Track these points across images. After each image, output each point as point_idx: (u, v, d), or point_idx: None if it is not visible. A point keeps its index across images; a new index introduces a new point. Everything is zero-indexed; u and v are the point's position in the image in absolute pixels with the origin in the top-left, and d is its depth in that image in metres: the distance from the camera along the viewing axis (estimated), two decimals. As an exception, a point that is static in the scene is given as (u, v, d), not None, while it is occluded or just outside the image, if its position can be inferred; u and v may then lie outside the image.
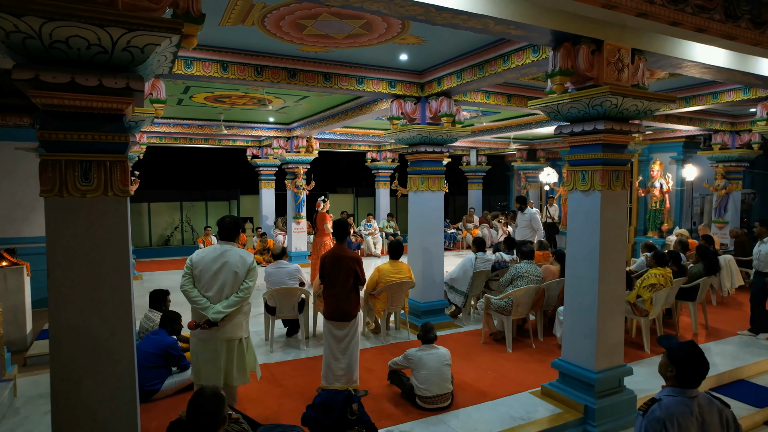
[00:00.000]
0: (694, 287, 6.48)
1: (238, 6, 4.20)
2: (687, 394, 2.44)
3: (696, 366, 2.45)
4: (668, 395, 2.48)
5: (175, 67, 5.20)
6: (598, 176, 4.17)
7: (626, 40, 4.10)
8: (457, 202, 21.76)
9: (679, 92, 7.29)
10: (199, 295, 3.67)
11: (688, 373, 2.44)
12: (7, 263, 6.45)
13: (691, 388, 2.46)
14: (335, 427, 3.41)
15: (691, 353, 2.47)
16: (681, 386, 2.46)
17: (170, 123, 10.45)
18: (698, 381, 2.47)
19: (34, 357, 5.72)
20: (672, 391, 2.48)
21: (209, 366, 3.75)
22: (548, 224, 13.38)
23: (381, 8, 3.38)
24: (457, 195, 21.17)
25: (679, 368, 2.46)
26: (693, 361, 2.44)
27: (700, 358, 2.47)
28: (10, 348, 5.82)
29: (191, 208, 16.87)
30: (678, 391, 2.46)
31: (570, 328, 4.52)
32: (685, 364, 2.45)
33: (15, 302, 6.31)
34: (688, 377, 2.45)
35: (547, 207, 13.73)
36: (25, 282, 6.48)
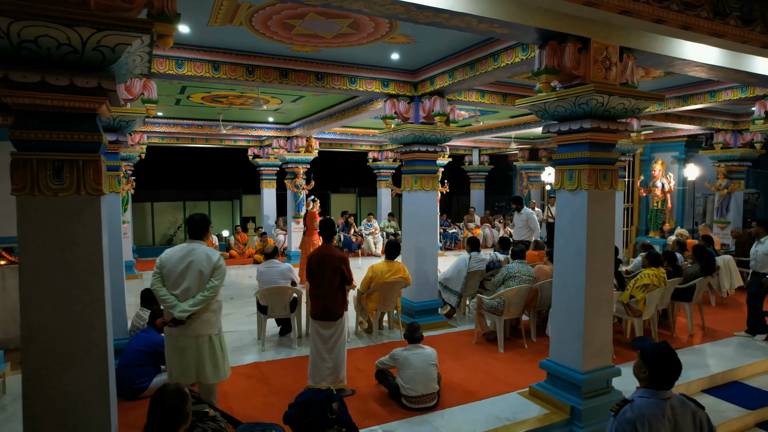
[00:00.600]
0: (690, 288, 6.41)
1: (224, 6, 4.21)
2: (660, 396, 2.42)
3: (668, 367, 2.42)
4: (641, 396, 2.46)
5: (166, 67, 5.23)
6: (585, 175, 4.14)
7: (614, 38, 4.07)
8: (460, 201, 21.71)
9: (677, 91, 7.22)
10: (167, 294, 3.70)
11: (661, 374, 2.42)
12: (6, 262, 6.48)
13: (664, 389, 2.43)
14: (314, 425, 3.41)
15: (663, 354, 2.45)
16: (654, 387, 2.44)
17: (170, 123, 10.52)
18: (671, 382, 2.44)
19: None
20: (645, 392, 2.46)
21: (179, 363, 3.77)
22: (549, 224, 13.32)
23: (361, 7, 3.37)
24: (459, 195, 21.12)
25: (652, 369, 2.44)
26: (665, 362, 2.42)
27: (673, 359, 2.44)
28: (8, 345, 5.89)
29: (194, 207, 16.96)
30: (651, 392, 2.44)
31: (557, 328, 4.50)
32: (658, 365, 2.43)
33: (14, 301, 6.34)
34: (660, 378, 2.42)
35: (548, 207, 13.66)
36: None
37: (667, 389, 2.44)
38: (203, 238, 3.93)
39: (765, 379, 5.36)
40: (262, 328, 6.08)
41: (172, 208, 16.73)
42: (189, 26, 4.71)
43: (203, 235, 3.93)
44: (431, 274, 6.88)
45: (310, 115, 10.20)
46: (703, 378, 5.11)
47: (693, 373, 5.18)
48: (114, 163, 5.06)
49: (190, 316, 3.70)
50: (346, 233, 13.91)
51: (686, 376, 5.07)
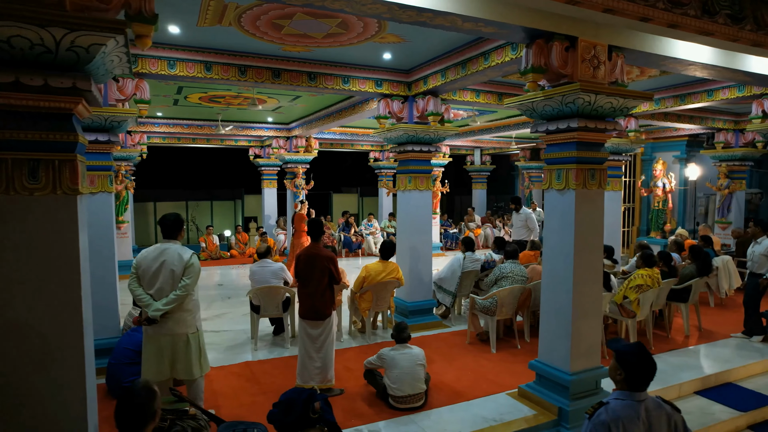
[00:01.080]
0: (686, 289, 6.36)
1: (211, 6, 4.23)
2: (635, 398, 2.40)
3: (643, 368, 2.40)
4: (616, 399, 2.44)
5: (158, 67, 5.26)
6: (573, 175, 4.12)
7: (602, 37, 4.04)
8: (463, 202, 21.69)
9: (674, 90, 7.16)
10: (142, 293, 3.74)
11: (636, 376, 2.40)
12: None
13: (639, 391, 2.42)
14: (296, 424, 3.41)
15: (638, 355, 2.43)
16: (629, 389, 2.43)
17: (170, 123, 10.59)
18: (646, 383, 2.42)
19: None
20: (620, 394, 2.44)
21: (154, 361, 3.80)
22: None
23: (344, 7, 3.37)
24: (462, 195, 21.09)
25: (627, 371, 2.42)
26: (640, 363, 2.40)
27: (648, 360, 2.42)
28: None
29: (197, 207, 17.08)
30: (626, 394, 2.42)
31: (546, 328, 4.47)
32: (633, 366, 2.41)
33: None
34: (635, 380, 2.41)
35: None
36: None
37: (642, 391, 2.42)
38: (177, 237, 3.95)
39: (760, 380, 5.31)
40: (255, 328, 6.10)
41: (175, 207, 16.82)
42: (179, 27, 4.73)
43: (177, 235, 3.95)
44: (425, 273, 6.87)
45: (309, 115, 10.22)
46: (696, 379, 5.07)
47: (686, 374, 5.14)
48: (106, 163, 5.09)
49: (164, 315, 3.73)
50: (346, 233, 13.93)
51: (679, 378, 5.04)
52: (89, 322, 2.82)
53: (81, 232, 2.67)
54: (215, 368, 5.32)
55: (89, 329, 2.86)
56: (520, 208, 9.15)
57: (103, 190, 5.11)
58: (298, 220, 9.40)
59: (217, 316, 7.50)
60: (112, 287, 5.23)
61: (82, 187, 2.72)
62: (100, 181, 5.08)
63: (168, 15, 4.44)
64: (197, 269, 3.91)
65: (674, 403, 2.57)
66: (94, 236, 5.02)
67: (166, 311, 3.74)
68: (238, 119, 10.94)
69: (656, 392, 4.74)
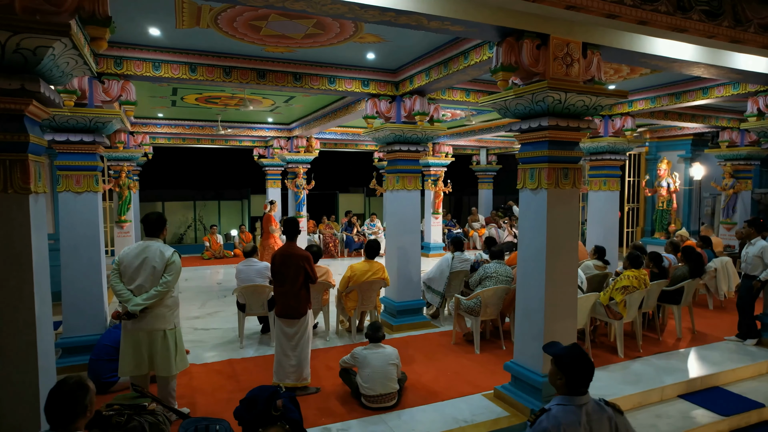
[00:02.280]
0: (678, 290, 6.24)
1: (185, 8, 4.28)
2: (575, 402, 2.37)
3: (580, 370, 2.37)
4: (558, 404, 2.41)
5: (143, 69, 5.34)
6: (545, 174, 4.08)
7: (576, 34, 3.99)
8: (471, 202, 21.56)
9: (668, 88, 7.03)
10: (123, 289, 3.82)
11: (574, 379, 2.37)
12: None
13: (580, 394, 2.38)
14: (256, 421, 3.44)
15: (576, 357, 2.40)
16: (570, 394, 2.39)
17: (171, 124, 10.74)
18: (585, 385, 2.39)
19: None
20: (561, 399, 2.41)
21: (132, 355, 3.87)
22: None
23: (305, 7, 3.39)
24: (470, 195, 20.97)
25: (567, 374, 2.39)
26: (577, 365, 2.37)
27: (584, 361, 2.39)
28: None
29: (204, 207, 17.28)
30: (567, 399, 2.39)
31: (519, 330, 4.44)
32: (570, 369, 2.38)
33: None
34: (574, 383, 2.37)
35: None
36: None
37: (583, 394, 2.39)
38: (159, 235, 4.02)
39: (748, 385, 5.18)
40: (241, 326, 6.16)
41: (183, 207, 17.07)
42: (159, 29, 4.80)
43: (159, 233, 4.02)
44: (414, 273, 6.86)
45: (307, 116, 10.28)
46: (680, 383, 4.96)
47: (669, 377, 5.03)
48: (92, 163, 5.19)
49: (143, 311, 3.80)
50: (348, 233, 13.96)
51: (662, 381, 4.94)
52: (45, 320, 2.88)
53: (35, 230, 2.73)
54: (198, 365, 5.40)
55: (47, 326, 2.93)
56: None
57: (89, 189, 5.20)
58: (266, 221, 9.30)
59: (210, 314, 7.59)
60: (98, 285, 5.32)
61: (37, 186, 2.78)
62: (85, 180, 5.18)
63: (146, 18, 4.51)
64: (178, 267, 3.98)
65: (618, 405, 2.53)
66: (80, 235, 5.18)
67: (146, 306, 3.81)
68: (239, 120, 11.04)
69: (637, 395, 4.69)
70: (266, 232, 9.23)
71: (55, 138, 4.98)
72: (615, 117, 7.91)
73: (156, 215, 4.05)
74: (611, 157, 7.91)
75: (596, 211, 8.24)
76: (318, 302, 6.22)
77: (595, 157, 8.06)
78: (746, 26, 4.17)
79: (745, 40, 4.14)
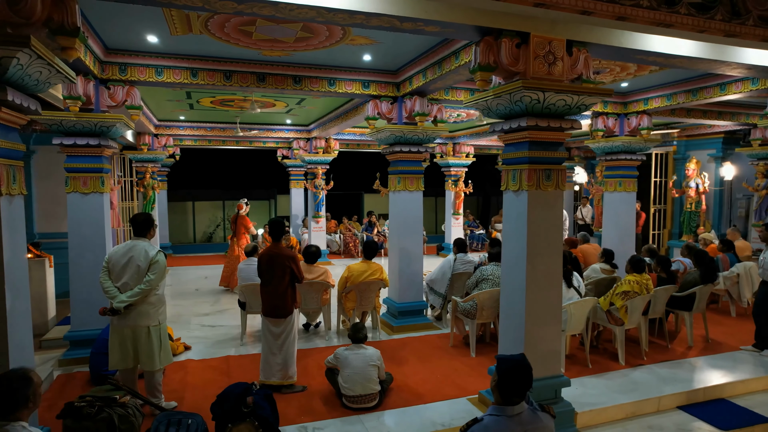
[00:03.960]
0: (690, 296, 5.96)
1: (175, 16, 4.43)
2: (507, 413, 2.33)
3: (513, 381, 2.33)
4: (490, 414, 2.38)
5: (146, 75, 5.56)
6: (525, 176, 3.98)
7: (559, 32, 3.87)
8: (499, 203, 21.23)
9: (684, 85, 6.71)
10: (111, 286, 3.99)
11: (507, 389, 2.34)
12: (32, 255, 7.11)
13: (512, 405, 2.34)
14: (226, 416, 3.52)
15: (510, 368, 2.36)
16: (503, 403, 2.36)
17: (193, 126, 11.09)
18: (518, 395, 2.34)
19: (49, 341, 6.29)
20: (495, 410, 2.38)
21: (118, 349, 4.05)
22: (580, 226, 12.79)
23: (273, 12, 3.43)
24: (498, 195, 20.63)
25: (499, 384, 2.36)
26: (511, 376, 2.33)
27: (520, 371, 2.34)
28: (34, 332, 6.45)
29: (232, 206, 17.73)
30: (500, 409, 2.36)
31: (503, 334, 4.36)
32: (504, 379, 2.34)
33: (38, 291, 6.93)
34: (507, 393, 2.34)
35: (579, 208, 13.09)
36: (47, 273, 7.15)
37: (515, 404, 2.34)
38: (146, 235, 4.18)
39: (757, 398, 4.90)
40: (243, 324, 6.31)
41: (212, 207, 17.59)
42: (156, 36, 4.98)
43: (146, 233, 4.18)
44: (415, 275, 6.83)
45: (322, 117, 10.40)
46: (680, 393, 4.75)
47: (669, 387, 4.83)
48: (97, 165, 5.42)
49: (128, 307, 3.96)
50: (369, 233, 14.03)
51: (660, 391, 4.75)
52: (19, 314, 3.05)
53: (7, 229, 2.89)
54: (196, 361, 5.58)
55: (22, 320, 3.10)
56: None
57: (96, 190, 5.44)
58: (240, 221, 9.18)
59: (220, 311, 7.80)
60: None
61: (11, 188, 2.96)
62: (92, 182, 5.42)
63: (143, 26, 4.69)
64: (161, 266, 4.13)
65: (552, 410, 2.47)
66: (86, 234, 5.42)
67: (131, 303, 3.98)
68: (259, 122, 11.29)
69: (630, 405, 4.53)
70: (238, 233, 9.23)
71: (63, 141, 5.25)
72: (630, 115, 7.62)
73: (144, 216, 4.21)
74: (627, 157, 7.63)
75: (611, 213, 7.96)
76: (317, 302, 6.30)
77: (610, 157, 7.79)
78: (744, 19, 3.94)
79: (743, 33, 3.92)
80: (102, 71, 5.35)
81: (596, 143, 7.79)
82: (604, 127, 7.71)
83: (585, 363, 5.36)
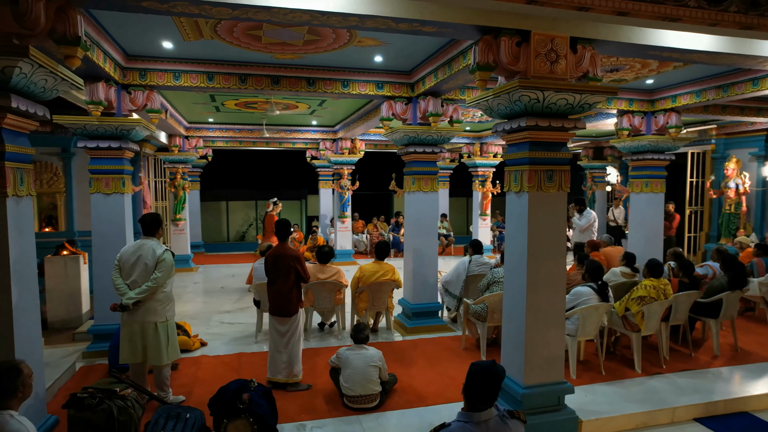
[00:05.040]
0: (716, 303, 5.66)
1: (184, 23, 4.57)
2: (474, 419, 2.31)
3: (479, 387, 2.31)
4: (458, 421, 2.36)
5: (165, 79, 5.76)
6: (526, 176, 3.90)
7: (561, 29, 3.78)
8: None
9: (713, 80, 6.38)
10: (121, 283, 4.16)
11: (472, 395, 2.32)
12: (68, 252, 7.50)
13: (479, 411, 2.31)
14: (221, 412, 3.62)
15: (478, 374, 2.33)
16: (470, 410, 2.33)
17: (222, 128, 11.40)
18: (484, 402, 2.32)
19: (82, 334, 6.62)
20: (462, 416, 2.37)
21: (128, 344, 4.22)
22: (612, 228, 12.37)
23: (268, 17, 3.51)
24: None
25: (466, 387, 2.34)
26: (477, 382, 2.31)
27: (486, 379, 2.31)
28: (70, 324, 6.85)
29: (264, 206, 18.13)
30: (467, 416, 2.34)
31: (505, 338, 4.29)
32: (471, 385, 2.32)
33: (73, 286, 7.30)
34: (472, 399, 2.32)
35: (612, 209, 12.66)
36: (82, 269, 7.52)
37: (482, 411, 2.31)
38: (155, 234, 4.34)
39: (784, 412, 4.61)
40: (259, 322, 6.45)
41: (245, 206, 18.04)
42: (171, 42, 5.16)
43: (154, 232, 4.34)
44: (430, 276, 6.79)
45: (346, 118, 10.49)
46: (698, 405, 4.52)
47: (686, 398, 4.61)
48: (119, 167, 5.66)
49: (137, 304, 4.13)
50: (396, 233, 14.03)
51: (675, 401, 4.54)
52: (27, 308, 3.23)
53: (12, 229, 3.07)
54: (210, 357, 5.74)
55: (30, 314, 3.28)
56: (583, 210, 8.70)
57: (117, 191, 5.69)
58: (268, 221, 9.50)
59: (241, 309, 7.99)
60: (124, 278, 5.79)
61: (18, 190, 3.14)
62: (113, 183, 5.68)
63: (157, 33, 4.87)
64: (168, 264, 4.28)
65: (522, 415, 2.42)
66: (107, 233, 5.67)
67: (139, 300, 4.15)
68: (285, 123, 11.49)
69: (641, 415, 4.36)
70: (268, 232, 9.44)
71: (87, 145, 5.52)
72: (658, 113, 7.32)
73: (152, 216, 4.37)
74: (654, 156, 7.33)
75: (637, 215, 7.67)
76: (330, 301, 6.36)
77: (636, 157, 7.51)
78: (763, 9, 3.72)
79: (761, 25, 3.70)
80: (123, 77, 5.59)
81: (621, 142, 7.52)
82: (630, 125, 7.44)
83: (598, 369, 5.19)
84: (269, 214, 9.56)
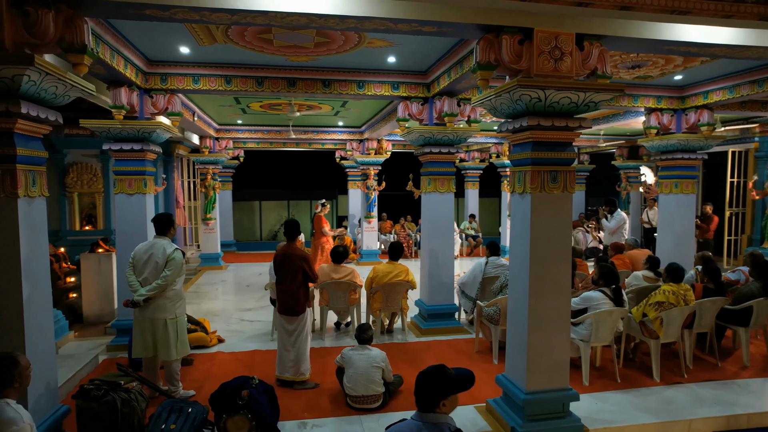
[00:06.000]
0: (746, 310, 5.36)
1: (196, 28, 4.71)
2: (417, 418, 2.34)
3: (418, 388, 2.32)
4: (411, 418, 2.38)
5: (184, 83, 5.95)
6: (529, 177, 3.82)
7: (567, 26, 3.68)
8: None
9: (746, 75, 6.03)
10: (134, 281, 4.33)
11: (416, 395, 2.35)
12: (102, 250, 7.86)
13: (423, 411, 2.33)
14: (221, 408, 3.71)
15: (423, 375, 2.34)
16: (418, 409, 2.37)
17: (251, 129, 11.67)
18: (423, 403, 2.32)
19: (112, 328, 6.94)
20: (414, 414, 2.38)
21: (140, 339, 4.38)
22: (646, 230, 11.91)
23: (267, 21, 3.58)
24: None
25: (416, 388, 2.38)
26: (418, 382, 2.35)
27: (423, 381, 2.32)
28: (104, 319, 7.19)
29: (296, 206, 18.44)
30: (416, 414, 2.38)
31: (509, 342, 4.21)
32: (416, 385, 2.34)
33: (106, 282, 7.64)
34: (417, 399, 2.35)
35: (646, 210, 12.18)
36: (115, 265, 7.87)
37: (427, 413, 2.31)
38: (166, 234, 4.49)
39: (815, 429, 4.32)
40: (275, 320, 6.54)
41: (278, 206, 18.40)
42: (188, 47, 5.32)
43: (166, 232, 4.49)
44: (445, 277, 6.73)
45: (371, 119, 10.53)
46: (717, 417, 4.30)
47: (706, 409, 4.39)
48: (140, 169, 5.88)
49: (147, 300, 4.28)
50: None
51: (693, 413, 4.33)
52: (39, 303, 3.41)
53: (23, 228, 3.24)
54: (225, 353, 5.89)
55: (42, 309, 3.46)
56: (614, 211, 8.46)
57: (139, 191, 5.92)
58: (317, 221, 9.67)
59: (262, 307, 8.15)
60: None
61: (30, 191, 3.32)
62: (136, 183, 5.91)
63: (173, 39, 5.04)
64: (178, 263, 4.43)
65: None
66: (130, 232, 5.90)
67: (149, 297, 4.31)
68: (312, 124, 11.65)
69: (654, 425, 4.19)
70: (317, 232, 9.63)
71: (111, 147, 5.77)
72: (689, 111, 6.99)
73: (164, 216, 4.53)
74: (684, 156, 7.01)
75: (667, 217, 7.35)
76: (345, 301, 6.40)
77: (665, 157, 7.20)
78: (785, 0, 3.50)
79: (781, 17, 3.48)
80: (146, 81, 5.81)
81: (650, 141, 7.23)
82: (659, 123, 7.13)
83: (614, 377, 5.01)
84: (317, 215, 9.79)
